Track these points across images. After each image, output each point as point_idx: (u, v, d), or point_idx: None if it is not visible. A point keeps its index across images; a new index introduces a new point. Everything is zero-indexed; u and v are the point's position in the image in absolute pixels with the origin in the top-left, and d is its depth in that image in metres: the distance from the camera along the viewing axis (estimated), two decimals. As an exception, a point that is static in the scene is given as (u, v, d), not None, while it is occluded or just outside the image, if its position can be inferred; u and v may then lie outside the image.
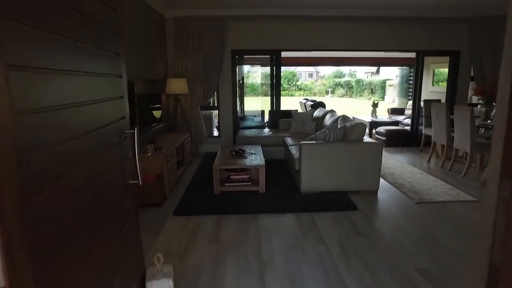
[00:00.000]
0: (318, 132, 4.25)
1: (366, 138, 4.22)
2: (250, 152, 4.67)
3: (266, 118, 6.87)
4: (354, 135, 4.07)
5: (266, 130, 6.33)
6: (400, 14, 6.09)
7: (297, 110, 6.43)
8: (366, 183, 4.07)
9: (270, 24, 6.16)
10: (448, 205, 3.79)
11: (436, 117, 5.33)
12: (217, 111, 6.68)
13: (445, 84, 9.51)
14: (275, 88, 6.57)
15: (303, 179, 3.99)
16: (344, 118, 4.64)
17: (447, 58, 6.87)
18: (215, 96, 6.57)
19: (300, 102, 9.61)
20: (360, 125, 4.08)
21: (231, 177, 4.21)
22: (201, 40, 5.99)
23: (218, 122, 6.67)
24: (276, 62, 6.43)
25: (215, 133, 7.06)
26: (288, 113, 6.39)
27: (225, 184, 4.15)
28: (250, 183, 4.17)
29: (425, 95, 7.73)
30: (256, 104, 9.94)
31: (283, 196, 3.99)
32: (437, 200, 3.90)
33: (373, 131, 8.03)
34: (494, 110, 5.00)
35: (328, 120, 5.25)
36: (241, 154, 4.51)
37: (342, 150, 3.95)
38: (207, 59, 6.06)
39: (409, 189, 4.27)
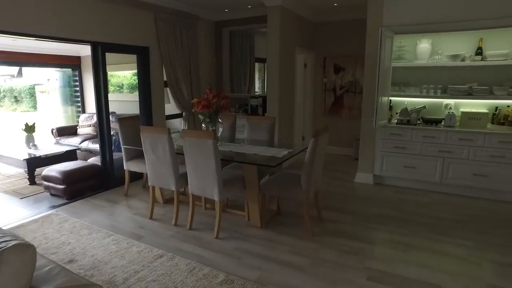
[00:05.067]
0: None
1: None
2: None
3: None
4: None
5: None
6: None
7: None
8: None
9: None
10: None
11: (151, 150, 3.25)
12: None
13: (116, 89, 7.66)
14: None
15: None
16: None
17: (120, 59, 5.01)
18: None
19: None
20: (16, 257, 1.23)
21: None
22: None
23: None
24: None
25: None
26: None
27: None
28: None
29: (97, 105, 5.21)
30: None
31: None
32: None
33: (37, 172, 4.84)
34: (221, 129, 3.61)
35: None
36: None
37: None
38: None
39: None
